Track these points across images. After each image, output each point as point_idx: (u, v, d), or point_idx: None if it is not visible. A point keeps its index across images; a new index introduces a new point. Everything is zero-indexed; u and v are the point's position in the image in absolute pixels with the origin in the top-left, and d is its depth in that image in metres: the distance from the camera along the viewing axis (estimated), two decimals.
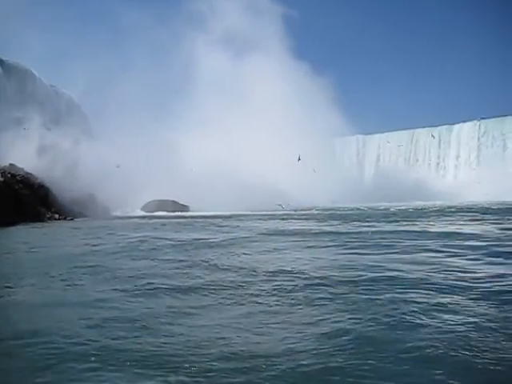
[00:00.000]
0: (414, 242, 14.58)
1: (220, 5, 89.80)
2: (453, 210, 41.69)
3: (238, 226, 24.64)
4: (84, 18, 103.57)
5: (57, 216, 37.45)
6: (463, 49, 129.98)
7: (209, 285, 9.22)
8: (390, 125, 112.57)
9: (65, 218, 37.59)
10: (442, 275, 9.52)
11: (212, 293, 8.64)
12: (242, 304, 7.90)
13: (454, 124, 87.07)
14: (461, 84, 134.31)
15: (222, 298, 8.31)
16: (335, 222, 27.09)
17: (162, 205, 50.75)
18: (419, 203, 61.43)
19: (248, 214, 39.39)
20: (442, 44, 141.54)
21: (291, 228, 22.89)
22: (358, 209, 49.49)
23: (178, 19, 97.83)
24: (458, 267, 10.45)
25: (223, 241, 17.12)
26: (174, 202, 51.77)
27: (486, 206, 47.75)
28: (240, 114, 71.61)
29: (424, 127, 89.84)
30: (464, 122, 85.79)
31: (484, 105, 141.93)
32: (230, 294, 8.45)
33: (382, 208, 49.97)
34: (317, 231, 20.86)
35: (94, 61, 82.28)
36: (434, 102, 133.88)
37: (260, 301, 8.00)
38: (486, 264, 10.85)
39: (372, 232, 18.41)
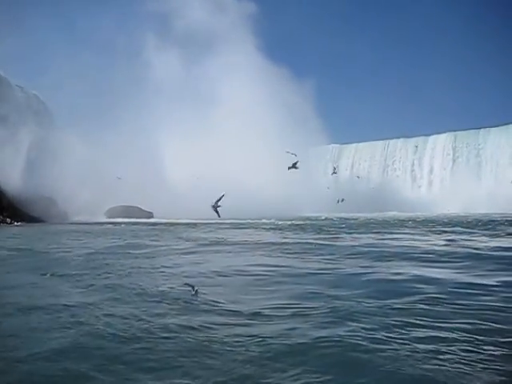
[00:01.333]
0: (343, 261, 13.27)
1: (185, 5, 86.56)
2: (418, 220, 40.94)
3: (182, 237, 23.26)
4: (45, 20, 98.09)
5: (8, 220, 35.94)
6: (440, 60, 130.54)
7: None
8: (365, 135, 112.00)
9: (16, 223, 36.11)
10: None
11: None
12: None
13: (429, 135, 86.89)
14: (436, 95, 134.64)
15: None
16: (290, 233, 26.06)
17: (126, 211, 49.50)
18: (392, 213, 60.94)
19: (212, 222, 38.20)
20: (418, 54, 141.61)
21: (239, 239, 21.77)
22: (328, 219, 48.57)
23: (141, 22, 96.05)
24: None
25: (147, 252, 15.89)
26: (138, 208, 50.56)
27: (458, 217, 47.19)
28: (210, 118, 70.60)
29: (399, 138, 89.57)
30: (439, 133, 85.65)
31: (459, 116, 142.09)
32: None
33: (350, 218, 49.18)
34: (264, 241, 19.78)
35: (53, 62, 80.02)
36: (410, 113, 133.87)
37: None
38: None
39: (316, 245, 17.28)
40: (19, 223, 36.14)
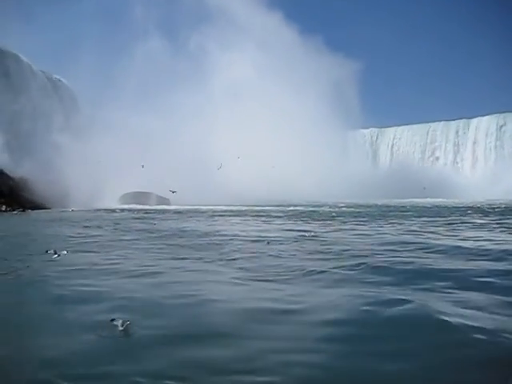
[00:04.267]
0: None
1: None
2: (446, 208, 37.74)
3: (146, 227, 20.70)
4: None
5: (4, 207, 34.45)
6: (482, 39, 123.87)
7: None
8: (405, 118, 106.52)
9: (13, 210, 34.54)
10: None
11: None
12: None
13: (471, 118, 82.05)
14: (479, 76, 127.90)
15: None
16: (279, 221, 23.69)
17: (139, 197, 47.65)
18: (430, 200, 57.48)
19: (228, 209, 36.49)
20: (459, 35, 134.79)
21: (216, 228, 19.29)
22: (360, 205, 45.47)
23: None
24: None
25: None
26: (153, 194, 48.57)
27: (498, 205, 42.75)
28: (238, 98, 68.75)
29: (440, 121, 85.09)
30: (482, 115, 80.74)
31: (503, 97, 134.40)
32: None
33: (380, 205, 46.33)
34: (244, 235, 17.06)
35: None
36: (451, 94, 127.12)
37: None
38: None
39: (268, 242, 14.42)
40: (19, 210, 34.43)
